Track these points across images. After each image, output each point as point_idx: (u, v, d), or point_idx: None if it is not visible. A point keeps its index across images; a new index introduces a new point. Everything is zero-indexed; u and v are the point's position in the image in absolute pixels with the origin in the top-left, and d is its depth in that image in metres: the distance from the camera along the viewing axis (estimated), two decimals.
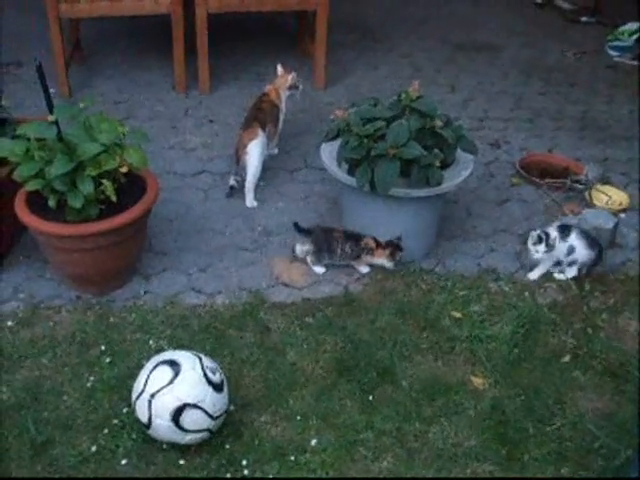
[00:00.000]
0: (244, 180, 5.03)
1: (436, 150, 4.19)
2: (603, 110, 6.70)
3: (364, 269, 4.48)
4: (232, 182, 5.11)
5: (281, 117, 5.38)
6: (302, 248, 4.51)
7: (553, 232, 4.33)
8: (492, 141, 5.98)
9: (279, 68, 5.48)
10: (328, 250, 4.43)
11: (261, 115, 5.12)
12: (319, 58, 6.55)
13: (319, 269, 4.48)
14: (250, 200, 5.04)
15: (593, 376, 3.86)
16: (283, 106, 5.40)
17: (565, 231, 4.38)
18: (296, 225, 4.55)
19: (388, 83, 6.57)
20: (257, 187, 5.12)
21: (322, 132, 4.68)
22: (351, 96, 6.17)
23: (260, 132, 5.01)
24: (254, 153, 4.96)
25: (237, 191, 5.09)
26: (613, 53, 7.78)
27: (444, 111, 4.51)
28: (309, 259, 4.49)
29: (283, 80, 5.40)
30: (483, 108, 6.55)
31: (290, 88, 5.40)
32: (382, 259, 4.41)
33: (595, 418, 3.65)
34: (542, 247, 4.29)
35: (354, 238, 4.42)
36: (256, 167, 4.97)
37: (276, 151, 5.53)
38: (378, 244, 4.39)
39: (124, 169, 3.99)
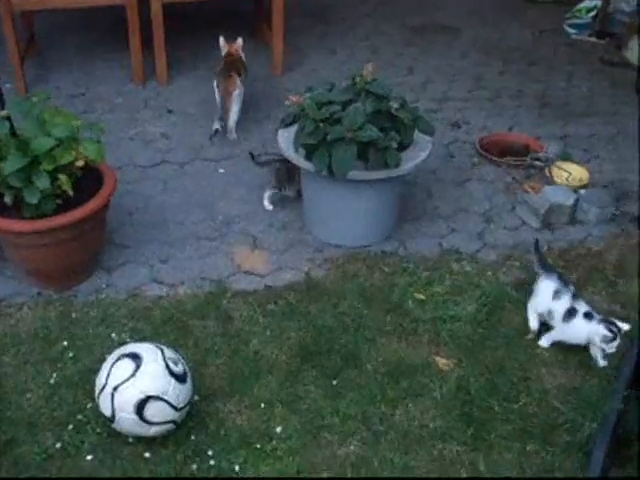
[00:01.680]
0: (226, 124, 5.59)
1: (393, 132, 4.18)
2: (562, 88, 6.73)
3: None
4: (217, 126, 5.64)
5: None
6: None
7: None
8: (452, 122, 5.98)
9: (221, 40, 5.87)
10: (288, 180, 4.65)
11: (234, 67, 5.62)
12: (276, 44, 6.51)
13: (269, 205, 4.86)
14: (232, 135, 5.65)
15: (557, 352, 3.87)
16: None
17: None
18: (252, 155, 4.77)
19: (346, 67, 6.54)
20: (217, 175, 5.18)
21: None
22: (310, 81, 6.09)
23: (238, 81, 5.55)
24: (237, 100, 5.53)
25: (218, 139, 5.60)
26: (571, 31, 7.81)
27: (403, 94, 4.48)
28: (266, 194, 4.84)
29: (234, 45, 5.86)
30: (442, 89, 6.54)
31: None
32: None
33: (560, 394, 3.67)
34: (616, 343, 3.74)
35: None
36: (238, 110, 5.58)
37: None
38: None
39: (80, 163, 3.94)
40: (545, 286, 3.88)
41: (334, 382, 3.64)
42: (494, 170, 5.35)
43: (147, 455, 3.27)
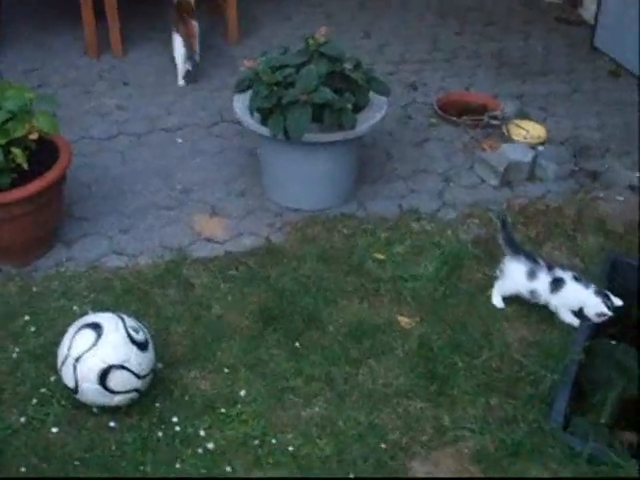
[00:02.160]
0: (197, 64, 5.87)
1: (347, 93, 4.18)
2: (519, 47, 6.74)
3: None
4: (188, 67, 5.83)
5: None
6: None
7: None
8: (409, 83, 5.97)
9: None
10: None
11: (189, 10, 5.85)
12: (231, 13, 6.45)
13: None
14: (181, 79, 5.92)
15: (519, 307, 3.90)
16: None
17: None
18: None
19: (302, 33, 6.42)
20: (174, 144, 5.19)
21: None
22: (265, 49, 6.06)
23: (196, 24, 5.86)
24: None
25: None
26: None
27: (360, 58, 4.48)
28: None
29: None
30: (399, 52, 6.53)
31: None
32: None
33: (522, 347, 3.70)
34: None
35: None
36: (183, 50, 5.78)
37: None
38: None
39: (34, 136, 3.90)
40: (515, 269, 3.85)
41: (297, 344, 3.64)
42: (452, 130, 5.36)
43: (112, 424, 3.26)
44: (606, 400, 3.53)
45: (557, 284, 3.75)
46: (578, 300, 3.74)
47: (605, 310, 3.65)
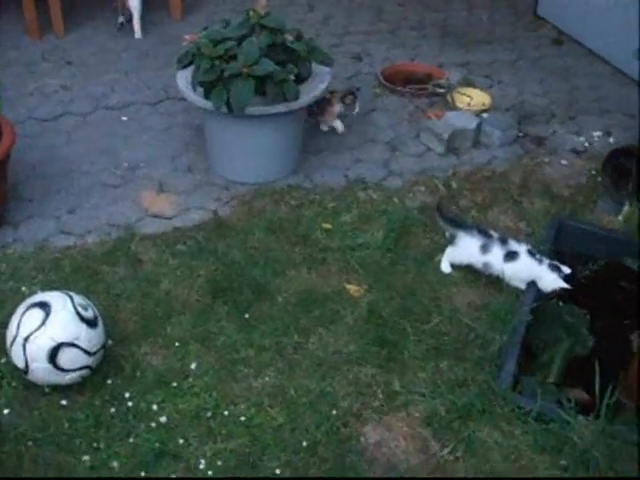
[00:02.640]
0: (130, 18, 6.13)
1: (289, 65, 4.18)
2: (463, 17, 6.81)
3: (325, 127, 5.01)
4: (121, 20, 6.25)
5: None
6: None
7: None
8: (354, 55, 5.98)
9: None
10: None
11: None
12: None
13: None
14: (138, 32, 6.18)
15: (466, 272, 3.93)
16: None
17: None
18: None
19: (245, 7, 6.45)
20: (120, 122, 5.13)
21: None
22: (209, 24, 6.06)
23: None
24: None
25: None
26: None
27: (304, 31, 4.48)
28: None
29: None
30: (343, 24, 6.54)
31: None
32: (336, 106, 4.84)
33: (470, 311, 3.74)
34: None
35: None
36: (138, 4, 6.07)
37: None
38: (332, 92, 4.77)
39: None
40: (469, 243, 3.87)
41: (246, 316, 3.65)
42: (397, 100, 5.39)
43: (64, 403, 3.25)
44: (554, 360, 3.59)
45: (511, 257, 3.78)
46: (532, 274, 3.78)
47: (563, 284, 3.70)
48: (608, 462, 3.02)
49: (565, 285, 3.69)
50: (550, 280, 3.71)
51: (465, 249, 3.87)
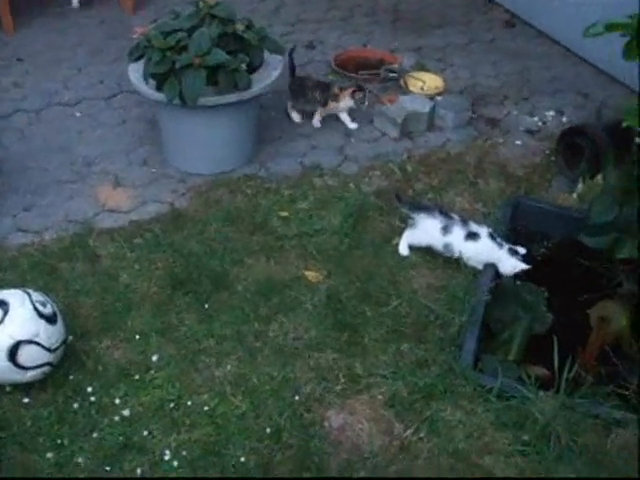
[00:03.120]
0: None
1: (241, 54, 4.17)
2: (415, 1, 6.82)
3: (318, 123, 4.99)
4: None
5: None
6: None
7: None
8: (306, 43, 5.98)
9: None
10: (303, 96, 4.84)
11: None
12: None
13: (296, 117, 5.05)
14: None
15: (424, 254, 3.96)
16: None
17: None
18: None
19: None
20: (74, 118, 5.12)
21: None
22: (163, 17, 6.04)
23: None
24: None
25: None
26: None
27: (255, 21, 4.47)
28: (289, 105, 5.06)
29: None
30: (295, 12, 6.55)
31: None
32: (345, 101, 4.84)
33: (429, 293, 3.77)
34: None
35: (323, 86, 4.81)
36: None
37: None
38: (341, 89, 4.78)
39: None
40: (430, 224, 3.89)
41: (206, 306, 3.66)
42: None
43: (26, 401, 3.23)
44: (513, 338, 3.62)
45: (472, 238, 3.80)
46: (492, 257, 3.81)
47: (524, 266, 3.75)
48: (569, 435, 3.06)
49: (525, 266, 3.72)
50: (510, 264, 3.75)
51: (426, 230, 3.89)
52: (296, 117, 5.04)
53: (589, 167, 4.38)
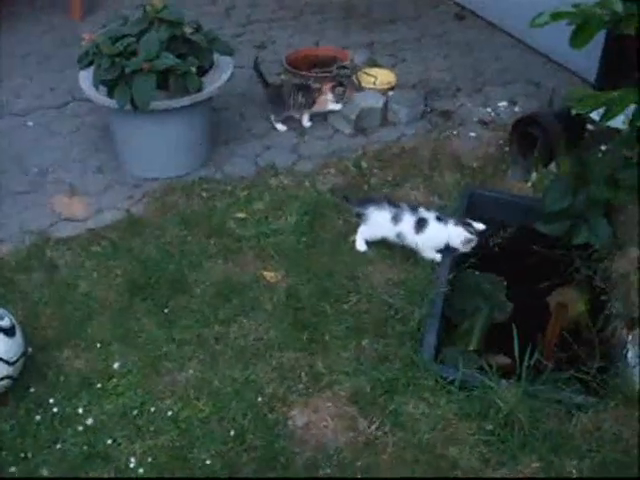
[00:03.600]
0: None
1: (191, 57, 4.16)
2: None
3: (308, 123, 5.00)
4: None
5: None
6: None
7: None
8: (258, 44, 5.97)
9: None
10: (284, 104, 4.85)
11: None
12: None
13: (282, 127, 4.98)
14: None
15: (382, 249, 3.98)
16: None
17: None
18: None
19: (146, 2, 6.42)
20: (27, 128, 5.09)
21: None
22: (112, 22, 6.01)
23: None
24: None
25: None
26: None
27: (205, 23, 4.48)
28: (272, 117, 5.01)
29: None
30: (246, 13, 6.55)
31: None
32: (328, 96, 4.89)
33: (388, 288, 3.78)
34: None
35: (303, 88, 4.83)
36: None
37: None
38: (322, 85, 4.82)
39: None
40: (380, 216, 3.90)
41: (166, 311, 3.65)
42: None
43: None
44: (474, 328, 3.66)
45: (421, 224, 3.82)
46: (442, 237, 3.83)
47: (468, 235, 3.77)
48: (532, 422, 3.09)
49: (470, 236, 3.77)
50: (456, 234, 3.78)
51: (378, 223, 3.91)
52: (282, 128, 5.00)
53: (542, 156, 4.41)
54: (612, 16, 3.22)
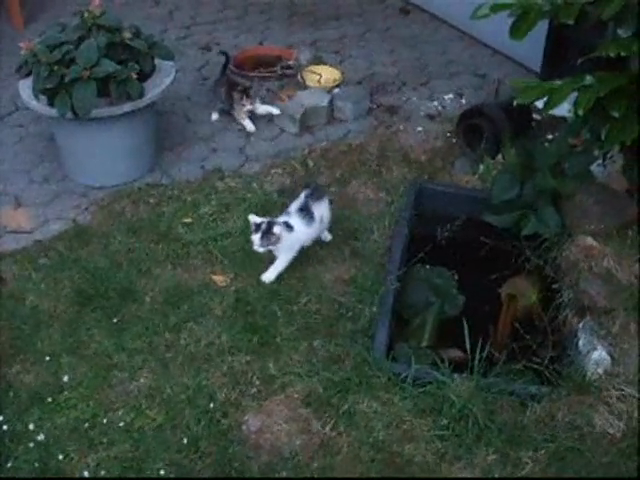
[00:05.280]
0: None
1: (131, 63, 4.12)
2: None
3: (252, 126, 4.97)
4: None
5: None
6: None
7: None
8: (202, 45, 5.93)
9: None
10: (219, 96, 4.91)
11: None
12: None
13: (214, 116, 5.10)
14: None
15: (331, 248, 3.98)
16: None
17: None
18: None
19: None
20: None
21: None
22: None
23: None
24: None
25: None
26: None
27: (150, 26, 4.48)
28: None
29: None
30: (190, 15, 6.50)
31: None
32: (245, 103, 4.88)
33: (338, 286, 3.78)
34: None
35: (234, 85, 4.91)
36: None
37: None
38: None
39: None
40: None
41: (115, 320, 3.62)
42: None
43: None
44: (425, 323, 3.67)
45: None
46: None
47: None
48: (486, 414, 3.10)
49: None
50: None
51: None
52: (215, 117, 5.11)
53: (489, 147, 4.43)
54: (551, 6, 3.23)
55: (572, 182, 3.75)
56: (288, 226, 3.69)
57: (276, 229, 3.61)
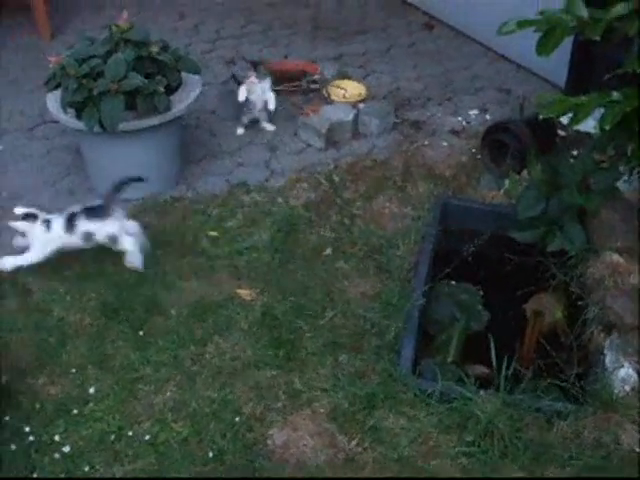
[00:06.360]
0: None
1: (158, 76, 4.14)
2: (333, 10, 6.87)
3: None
4: None
5: None
6: None
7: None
8: (227, 59, 5.96)
9: None
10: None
11: None
12: (37, 6, 6.27)
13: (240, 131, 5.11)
14: None
15: (356, 263, 3.98)
16: None
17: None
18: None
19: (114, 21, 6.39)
20: None
21: None
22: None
23: None
24: None
25: None
26: None
27: (176, 39, 4.51)
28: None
29: None
30: (215, 29, 6.52)
31: None
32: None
33: (363, 302, 3.78)
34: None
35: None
36: None
37: None
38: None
39: None
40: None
41: (141, 333, 3.62)
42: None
43: None
44: (451, 339, 3.66)
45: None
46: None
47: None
48: (512, 431, 3.09)
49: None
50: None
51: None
52: (240, 131, 5.13)
53: (515, 163, 4.42)
54: (577, 22, 3.23)
55: (598, 198, 3.74)
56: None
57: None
